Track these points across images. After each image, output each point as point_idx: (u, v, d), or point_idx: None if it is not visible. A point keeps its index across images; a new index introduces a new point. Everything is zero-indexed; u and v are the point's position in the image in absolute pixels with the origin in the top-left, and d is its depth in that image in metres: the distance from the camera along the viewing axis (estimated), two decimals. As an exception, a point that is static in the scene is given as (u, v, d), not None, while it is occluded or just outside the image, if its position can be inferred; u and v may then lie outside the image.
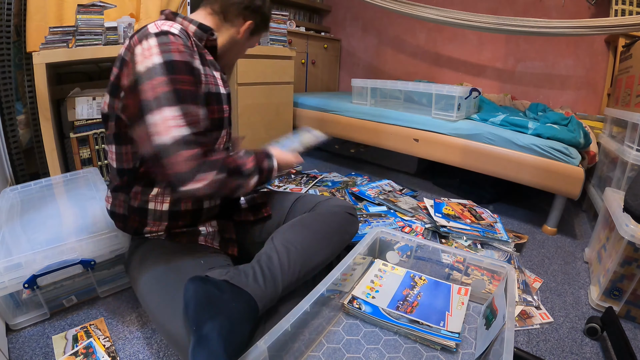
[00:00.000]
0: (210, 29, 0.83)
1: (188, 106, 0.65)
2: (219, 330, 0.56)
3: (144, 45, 0.67)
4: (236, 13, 0.86)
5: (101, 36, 1.43)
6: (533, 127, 1.53)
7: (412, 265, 1.11)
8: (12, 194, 1.20)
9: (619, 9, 1.83)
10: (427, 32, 2.84)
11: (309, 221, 0.91)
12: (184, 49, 0.69)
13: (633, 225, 0.95)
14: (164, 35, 0.68)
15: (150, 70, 0.65)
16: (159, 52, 0.66)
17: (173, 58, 0.66)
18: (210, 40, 0.84)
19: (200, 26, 0.82)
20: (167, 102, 0.64)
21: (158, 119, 0.63)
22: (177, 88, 0.65)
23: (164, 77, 0.64)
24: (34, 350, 0.82)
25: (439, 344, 0.85)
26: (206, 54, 0.83)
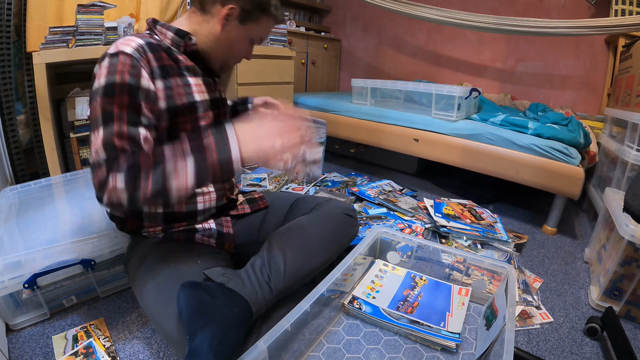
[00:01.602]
0: (186, 33, 0.80)
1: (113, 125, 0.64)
2: (209, 342, 0.56)
3: (100, 65, 0.68)
4: (211, 1, 0.77)
5: (101, 36, 1.44)
6: (533, 127, 1.53)
7: (413, 265, 1.11)
8: (12, 194, 1.20)
9: (619, 9, 1.83)
10: (427, 32, 2.83)
11: (307, 223, 0.90)
12: (128, 69, 0.67)
13: (633, 225, 0.95)
14: (115, 56, 0.68)
15: (95, 91, 0.67)
16: (105, 74, 0.66)
17: (114, 80, 0.66)
18: (189, 45, 0.80)
19: (178, 32, 0.79)
20: (96, 123, 0.64)
21: (91, 139, 0.65)
22: (107, 110, 0.64)
23: (101, 99, 0.65)
24: (34, 350, 0.82)
25: (439, 345, 0.85)
26: (182, 61, 0.79)
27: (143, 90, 0.69)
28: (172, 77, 0.75)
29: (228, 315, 0.62)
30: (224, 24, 0.79)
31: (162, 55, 0.75)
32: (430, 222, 1.49)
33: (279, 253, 0.80)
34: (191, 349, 0.56)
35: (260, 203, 1.02)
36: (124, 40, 0.71)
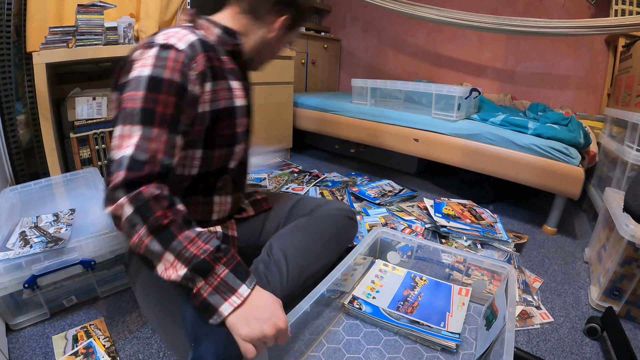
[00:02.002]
0: (235, 32, 0.77)
1: (152, 129, 0.60)
2: (214, 350, 0.55)
3: (145, 53, 0.64)
4: (267, 9, 0.77)
5: (101, 36, 1.44)
6: (533, 127, 1.53)
7: (413, 265, 1.11)
8: (12, 194, 1.20)
9: (619, 9, 1.83)
10: (427, 32, 2.83)
11: (307, 226, 0.90)
12: (180, 67, 0.63)
13: (633, 225, 0.95)
14: (167, 49, 0.64)
15: (134, 79, 0.62)
16: (152, 64, 0.62)
17: (162, 75, 0.61)
18: (235, 45, 0.78)
19: (226, 30, 0.76)
20: (132, 118, 0.59)
21: (117, 132, 0.60)
22: (149, 107, 0.60)
23: (145, 91, 0.60)
24: (34, 350, 0.82)
25: (439, 345, 0.85)
26: (226, 62, 0.76)
27: (189, 94, 0.65)
28: (219, 79, 0.73)
29: None
30: (277, 32, 0.80)
31: (212, 55, 0.71)
32: (430, 222, 1.49)
33: (281, 256, 0.80)
34: (196, 356, 0.55)
35: (263, 205, 1.01)
36: (175, 32, 0.67)
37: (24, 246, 0.88)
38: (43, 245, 0.88)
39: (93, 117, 1.51)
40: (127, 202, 0.55)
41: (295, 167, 2.19)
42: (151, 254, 0.57)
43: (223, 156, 0.77)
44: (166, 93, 0.61)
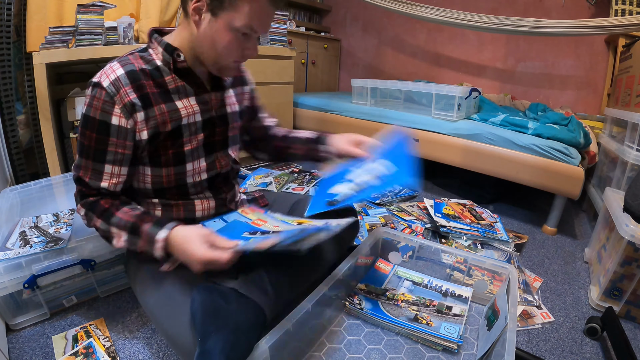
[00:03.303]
0: (174, 49, 0.73)
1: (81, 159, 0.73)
2: (222, 346, 0.56)
3: (86, 91, 0.72)
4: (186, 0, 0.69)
5: (101, 36, 1.43)
6: (533, 127, 1.53)
7: (413, 265, 1.11)
8: (12, 194, 1.20)
9: (619, 9, 1.83)
10: (427, 32, 2.84)
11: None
12: (101, 105, 0.69)
13: (633, 225, 0.95)
14: (95, 87, 0.69)
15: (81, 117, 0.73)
16: (86, 104, 0.70)
17: (89, 113, 0.70)
18: (179, 62, 0.74)
19: (166, 48, 0.73)
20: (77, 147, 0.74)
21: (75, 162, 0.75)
22: (81, 141, 0.72)
23: (80, 127, 0.72)
24: (34, 350, 0.82)
25: (440, 345, 0.85)
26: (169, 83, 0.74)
27: (113, 128, 0.70)
28: (155, 105, 0.72)
29: (241, 321, 0.61)
30: (196, 20, 0.70)
31: (143, 83, 0.71)
32: (430, 222, 1.49)
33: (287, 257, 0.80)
34: (203, 351, 0.56)
35: (260, 202, 1.03)
36: (109, 67, 0.71)
37: (24, 246, 0.88)
38: (43, 245, 0.88)
39: (93, 117, 1.51)
40: (81, 206, 0.74)
41: (295, 167, 2.19)
42: (103, 232, 0.73)
43: (173, 174, 0.79)
44: (90, 129, 0.70)
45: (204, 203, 0.85)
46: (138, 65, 0.72)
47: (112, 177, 0.74)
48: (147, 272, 0.78)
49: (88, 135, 0.70)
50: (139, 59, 0.73)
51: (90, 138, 0.70)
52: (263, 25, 0.73)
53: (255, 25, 0.71)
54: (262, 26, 0.72)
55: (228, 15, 0.68)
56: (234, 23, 0.68)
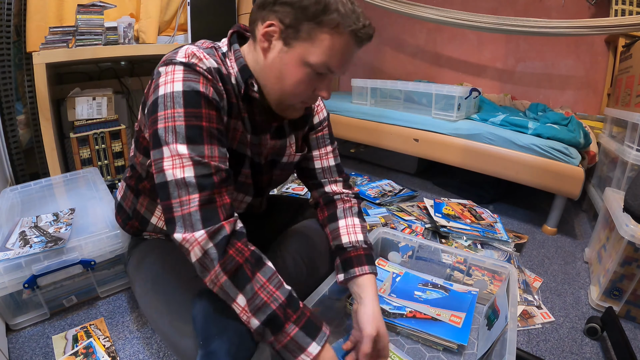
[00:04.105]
0: (250, 75, 0.64)
1: (201, 146, 0.57)
2: (228, 347, 0.56)
3: (167, 69, 0.59)
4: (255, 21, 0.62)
5: (101, 36, 1.44)
6: (533, 127, 1.53)
7: (413, 265, 1.11)
8: (12, 194, 1.20)
9: (619, 9, 1.83)
10: (427, 32, 2.83)
11: (313, 229, 0.88)
12: (211, 83, 0.59)
13: (633, 225, 0.95)
14: (191, 67, 0.59)
15: (164, 96, 0.57)
16: (181, 79, 0.57)
17: (197, 89, 0.57)
18: (252, 91, 0.65)
19: (242, 70, 0.64)
20: (173, 136, 0.56)
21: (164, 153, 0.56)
22: (191, 124, 0.56)
23: (181, 109, 0.56)
24: (34, 350, 0.82)
25: (441, 345, 0.85)
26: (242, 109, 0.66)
27: (222, 112, 0.61)
28: (233, 117, 0.65)
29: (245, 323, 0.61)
30: (265, 47, 0.62)
31: (228, 88, 0.63)
32: (430, 222, 1.49)
33: (290, 260, 0.79)
34: (208, 352, 0.55)
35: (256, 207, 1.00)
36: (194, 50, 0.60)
37: (23, 246, 0.88)
38: (43, 245, 0.88)
39: (93, 117, 1.51)
40: (206, 237, 0.54)
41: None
42: (225, 294, 0.57)
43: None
44: (206, 106, 0.58)
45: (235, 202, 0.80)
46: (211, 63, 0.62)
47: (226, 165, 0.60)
48: (145, 273, 0.77)
49: (206, 115, 0.57)
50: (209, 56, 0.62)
51: (210, 117, 0.57)
52: (342, 65, 0.62)
53: (333, 65, 0.61)
54: (341, 66, 0.62)
55: (303, 47, 0.59)
56: (309, 58, 0.60)
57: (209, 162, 0.57)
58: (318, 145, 0.87)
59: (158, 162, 0.57)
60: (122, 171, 1.63)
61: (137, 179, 0.79)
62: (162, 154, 0.57)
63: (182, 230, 0.55)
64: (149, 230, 0.83)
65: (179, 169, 0.55)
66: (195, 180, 0.55)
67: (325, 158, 0.87)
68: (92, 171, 1.39)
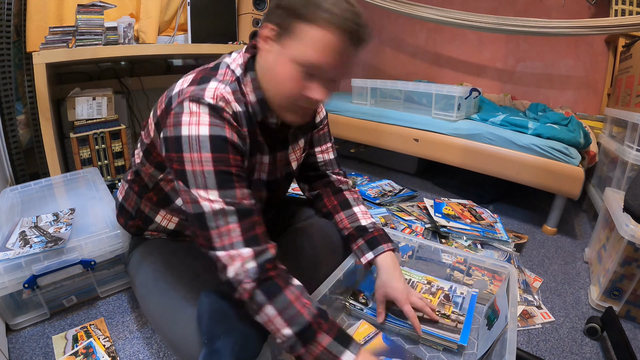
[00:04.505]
0: (269, 108, 0.67)
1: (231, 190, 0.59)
2: (231, 347, 0.56)
3: (192, 107, 0.59)
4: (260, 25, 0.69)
5: (101, 36, 1.44)
6: (533, 127, 1.53)
7: (413, 265, 1.11)
8: (12, 194, 1.20)
9: (619, 9, 1.83)
10: (427, 32, 2.83)
11: (311, 231, 0.89)
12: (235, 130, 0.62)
13: (633, 225, 0.95)
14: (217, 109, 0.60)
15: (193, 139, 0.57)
16: (207, 123, 0.58)
17: (224, 134, 0.59)
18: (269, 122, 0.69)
19: (261, 102, 0.66)
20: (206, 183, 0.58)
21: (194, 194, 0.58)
22: (220, 169, 0.58)
23: (209, 154, 0.57)
24: (34, 350, 0.82)
25: (441, 345, 0.85)
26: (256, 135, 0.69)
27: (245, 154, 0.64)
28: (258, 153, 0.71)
29: (250, 325, 0.61)
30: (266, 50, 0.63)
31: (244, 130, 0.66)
32: (430, 222, 1.49)
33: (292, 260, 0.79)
34: (212, 350, 0.56)
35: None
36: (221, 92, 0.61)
37: (23, 246, 0.88)
38: (43, 245, 0.88)
39: (93, 117, 1.51)
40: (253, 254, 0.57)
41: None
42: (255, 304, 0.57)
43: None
44: (233, 152, 0.60)
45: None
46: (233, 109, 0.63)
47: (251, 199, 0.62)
48: (145, 273, 0.77)
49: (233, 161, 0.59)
50: (232, 98, 0.63)
51: (237, 164, 0.60)
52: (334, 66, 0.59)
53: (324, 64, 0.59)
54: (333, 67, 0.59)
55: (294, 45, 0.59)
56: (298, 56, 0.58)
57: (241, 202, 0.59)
58: (319, 142, 0.91)
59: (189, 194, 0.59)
60: (122, 171, 1.63)
61: (143, 188, 0.79)
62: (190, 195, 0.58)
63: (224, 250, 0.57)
64: (152, 229, 0.83)
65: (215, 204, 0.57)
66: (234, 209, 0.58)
67: (326, 152, 0.92)
68: (92, 171, 1.39)
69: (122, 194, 0.86)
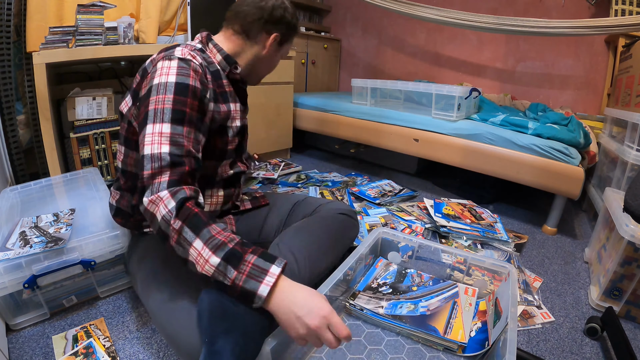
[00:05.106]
0: (234, 61, 0.85)
1: (181, 127, 0.68)
2: (232, 348, 0.56)
3: (164, 64, 0.72)
4: (258, 29, 0.85)
5: (101, 36, 1.43)
6: (533, 127, 1.53)
7: (413, 265, 1.11)
8: (12, 194, 1.20)
9: (619, 9, 1.83)
10: (427, 32, 2.84)
11: (312, 226, 0.90)
12: (200, 78, 0.74)
13: (633, 225, 0.95)
14: (186, 62, 0.73)
15: (158, 85, 0.70)
16: (175, 73, 0.71)
17: (187, 82, 0.71)
18: (234, 72, 0.86)
19: (227, 58, 0.84)
20: (161, 117, 0.67)
21: (149, 130, 0.67)
22: (177, 108, 0.68)
23: (173, 95, 0.69)
24: (34, 350, 0.82)
25: (441, 345, 0.85)
26: (225, 86, 0.84)
27: (206, 102, 0.75)
28: (218, 102, 0.81)
29: (251, 324, 0.61)
30: (269, 49, 0.87)
31: (207, 79, 0.78)
32: (430, 222, 1.49)
33: (291, 258, 0.80)
34: (212, 351, 0.56)
35: (261, 201, 1.04)
36: (187, 50, 0.76)
37: (24, 246, 0.88)
38: (43, 245, 0.88)
39: (93, 117, 1.51)
40: (170, 195, 0.61)
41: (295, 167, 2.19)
42: (183, 242, 0.60)
43: (210, 167, 0.84)
44: (192, 97, 0.71)
45: (214, 198, 0.89)
46: (198, 61, 0.77)
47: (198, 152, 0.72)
48: (146, 269, 0.78)
49: (190, 104, 0.70)
50: (197, 56, 0.78)
51: (193, 107, 0.71)
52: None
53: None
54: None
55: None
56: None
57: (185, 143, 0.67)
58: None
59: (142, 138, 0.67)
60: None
61: (133, 179, 0.83)
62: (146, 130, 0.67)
63: (150, 194, 0.62)
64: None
65: (157, 145, 0.65)
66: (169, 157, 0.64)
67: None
68: (92, 171, 1.39)
69: (114, 198, 0.90)
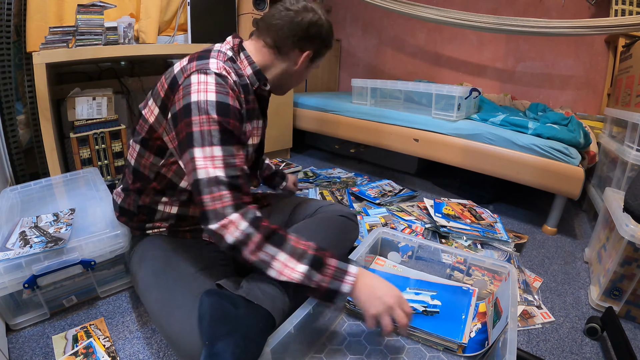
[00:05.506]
0: (265, 78, 0.83)
1: (230, 148, 0.68)
2: (232, 350, 0.56)
3: (200, 78, 0.70)
4: (291, 46, 0.82)
5: (101, 36, 1.43)
6: (533, 127, 1.53)
7: (413, 265, 1.11)
8: (12, 194, 1.20)
9: (619, 9, 1.83)
10: (427, 32, 2.83)
11: (313, 228, 0.90)
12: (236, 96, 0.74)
13: (633, 225, 0.95)
14: (223, 78, 0.72)
15: (202, 103, 0.67)
16: (214, 91, 0.69)
17: (227, 101, 0.70)
18: (262, 89, 0.84)
19: (257, 73, 0.82)
20: (209, 139, 0.66)
21: (198, 154, 0.66)
22: (224, 129, 0.68)
23: (215, 116, 0.67)
24: (34, 350, 0.82)
25: (441, 345, 0.85)
26: (251, 103, 0.82)
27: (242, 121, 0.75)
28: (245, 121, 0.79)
29: (251, 326, 0.62)
30: (300, 66, 0.85)
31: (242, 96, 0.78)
32: (430, 222, 1.49)
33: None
34: (212, 353, 0.56)
35: (262, 202, 1.05)
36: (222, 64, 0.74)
37: (24, 246, 0.88)
38: (43, 245, 0.88)
39: (93, 117, 1.51)
40: (240, 217, 0.64)
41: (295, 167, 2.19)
42: (265, 257, 0.66)
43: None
44: (234, 118, 0.70)
45: None
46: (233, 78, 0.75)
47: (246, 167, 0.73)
48: (147, 269, 0.78)
49: (233, 125, 0.69)
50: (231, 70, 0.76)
51: (236, 127, 0.70)
52: None
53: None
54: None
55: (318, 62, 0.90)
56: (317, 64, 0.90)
57: (237, 163, 0.68)
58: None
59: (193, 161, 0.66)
60: (122, 171, 1.63)
61: (144, 182, 0.83)
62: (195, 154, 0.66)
63: (215, 220, 0.63)
64: (157, 219, 0.86)
65: (211, 169, 0.65)
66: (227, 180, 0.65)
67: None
68: (92, 171, 1.39)
69: (120, 197, 0.90)
